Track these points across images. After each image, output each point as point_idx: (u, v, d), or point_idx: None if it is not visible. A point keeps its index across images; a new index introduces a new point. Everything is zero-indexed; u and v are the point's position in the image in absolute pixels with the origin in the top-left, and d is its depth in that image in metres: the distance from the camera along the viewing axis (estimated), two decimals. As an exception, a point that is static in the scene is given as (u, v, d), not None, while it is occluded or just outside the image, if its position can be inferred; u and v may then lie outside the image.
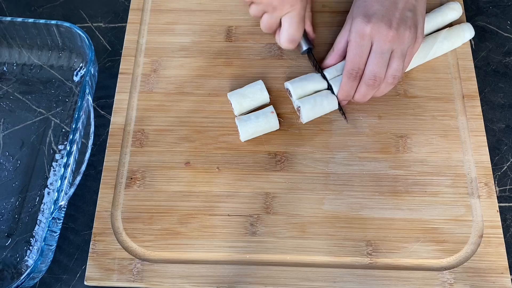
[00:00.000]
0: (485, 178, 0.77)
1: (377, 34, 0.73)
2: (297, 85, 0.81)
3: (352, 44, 0.76)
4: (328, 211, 0.75)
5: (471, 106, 0.82)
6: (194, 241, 0.73)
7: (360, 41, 0.75)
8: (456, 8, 0.86)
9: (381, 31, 0.73)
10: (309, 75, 0.82)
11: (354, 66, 0.76)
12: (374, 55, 0.75)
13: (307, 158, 0.78)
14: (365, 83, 0.76)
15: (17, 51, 0.89)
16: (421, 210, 0.75)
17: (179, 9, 0.91)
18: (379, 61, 0.74)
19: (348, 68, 0.76)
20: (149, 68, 0.86)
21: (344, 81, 0.78)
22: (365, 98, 0.79)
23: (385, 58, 0.74)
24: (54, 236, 0.73)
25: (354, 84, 0.77)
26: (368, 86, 0.76)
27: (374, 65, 0.75)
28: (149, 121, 0.82)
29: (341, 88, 0.78)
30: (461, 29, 0.84)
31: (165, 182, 0.77)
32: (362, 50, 0.75)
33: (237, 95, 0.80)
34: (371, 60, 0.75)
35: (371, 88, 0.76)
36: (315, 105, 0.79)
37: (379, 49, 0.74)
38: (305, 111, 0.79)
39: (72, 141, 0.74)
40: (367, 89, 0.77)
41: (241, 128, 0.78)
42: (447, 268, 0.71)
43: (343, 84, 0.78)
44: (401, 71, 0.76)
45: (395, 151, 0.79)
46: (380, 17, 0.74)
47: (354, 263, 0.72)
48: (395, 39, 0.73)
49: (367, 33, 0.74)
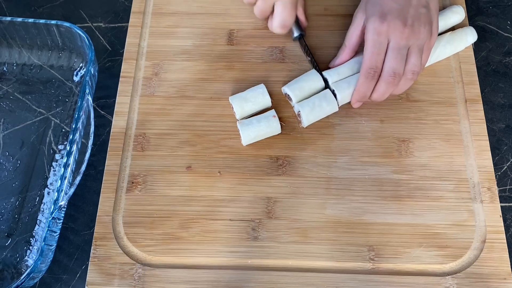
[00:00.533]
0: (488, 183, 0.77)
1: (394, 31, 0.74)
2: (294, 87, 0.80)
3: (369, 43, 0.76)
4: (330, 215, 0.75)
5: (473, 110, 0.81)
6: (195, 246, 0.73)
7: (377, 38, 0.75)
8: (459, 11, 0.86)
9: (397, 28, 0.74)
10: (304, 75, 0.82)
11: (372, 64, 0.76)
12: (391, 51, 0.75)
13: (309, 162, 0.78)
14: (384, 80, 0.76)
15: (17, 51, 0.88)
16: (424, 215, 0.75)
17: (180, 12, 0.91)
18: (397, 57, 0.75)
19: (366, 67, 0.76)
20: (150, 72, 0.86)
21: (361, 82, 0.77)
22: (384, 96, 0.78)
23: (403, 54, 0.75)
24: (54, 236, 0.73)
25: (371, 84, 0.77)
26: (388, 83, 0.76)
27: (392, 61, 0.75)
28: (150, 125, 0.81)
29: (358, 89, 0.78)
30: (464, 33, 0.84)
31: (167, 187, 0.77)
32: (379, 48, 0.75)
33: (238, 99, 0.80)
34: (389, 57, 0.75)
35: (391, 86, 0.76)
36: (313, 108, 0.79)
37: (396, 45, 0.75)
38: (305, 114, 0.78)
39: (72, 141, 0.74)
40: (387, 87, 0.76)
41: (243, 132, 0.78)
42: (450, 273, 0.71)
43: (360, 84, 0.77)
44: (420, 66, 0.76)
45: (398, 156, 0.79)
46: (396, 14, 0.75)
47: (356, 268, 0.72)
48: (411, 35, 0.74)
49: (383, 30, 0.75)
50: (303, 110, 0.78)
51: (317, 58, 0.85)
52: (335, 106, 0.79)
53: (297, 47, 0.87)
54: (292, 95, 0.80)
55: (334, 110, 0.80)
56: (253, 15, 0.85)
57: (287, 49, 0.87)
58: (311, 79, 0.81)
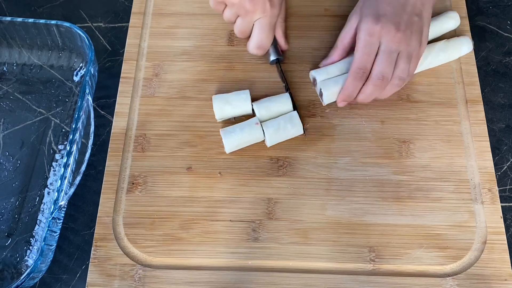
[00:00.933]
0: (489, 184, 0.77)
1: (386, 34, 0.74)
2: (261, 106, 0.80)
3: (361, 42, 0.76)
4: (331, 216, 0.75)
5: (474, 111, 0.81)
6: (196, 247, 0.73)
7: (369, 39, 0.75)
8: (454, 17, 0.86)
9: (390, 31, 0.74)
10: (275, 96, 0.82)
11: (362, 65, 0.76)
12: (382, 54, 0.75)
13: (310, 163, 0.78)
14: (372, 83, 0.76)
15: (17, 51, 0.88)
16: (424, 216, 0.75)
17: (181, 13, 0.91)
18: (388, 60, 0.75)
19: (356, 67, 0.76)
20: (150, 72, 0.85)
21: (349, 81, 0.77)
22: (369, 99, 0.79)
23: (393, 58, 0.75)
24: (54, 236, 0.73)
25: (359, 84, 0.77)
26: (375, 86, 0.76)
27: (382, 64, 0.75)
28: (150, 125, 0.81)
29: (345, 88, 0.78)
30: (458, 42, 0.84)
31: (167, 187, 0.77)
32: (370, 48, 0.75)
33: (220, 99, 0.80)
34: (379, 60, 0.75)
35: (378, 89, 0.76)
36: (278, 129, 0.78)
37: (387, 48, 0.75)
38: (269, 135, 0.78)
39: (72, 141, 0.74)
40: (373, 89, 0.77)
41: (226, 140, 0.77)
42: (451, 274, 0.71)
43: (348, 84, 0.77)
44: (407, 73, 0.76)
45: (398, 157, 0.78)
46: (390, 18, 0.75)
47: (357, 269, 0.72)
48: (402, 41, 0.74)
49: (376, 32, 0.75)
50: (267, 131, 0.78)
51: (317, 59, 0.85)
52: (300, 129, 0.79)
53: (298, 48, 0.87)
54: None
55: (299, 133, 0.79)
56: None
57: (287, 50, 0.87)
58: (280, 101, 0.81)
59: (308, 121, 0.81)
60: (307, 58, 0.86)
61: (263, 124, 0.78)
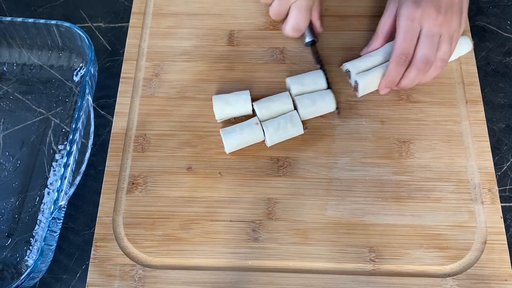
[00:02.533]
0: (489, 184, 0.76)
1: (427, 18, 0.75)
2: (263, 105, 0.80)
3: (401, 28, 0.76)
4: (331, 217, 0.75)
5: (474, 111, 0.81)
6: (196, 247, 0.73)
7: (410, 24, 0.75)
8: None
9: (431, 15, 0.75)
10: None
11: (404, 50, 0.76)
12: (424, 38, 0.75)
13: (310, 163, 0.78)
14: (416, 67, 0.76)
15: (17, 51, 0.88)
16: (424, 216, 0.75)
17: (181, 13, 0.91)
18: (431, 44, 0.75)
19: (398, 52, 0.76)
20: (150, 72, 0.85)
21: (391, 67, 0.77)
22: (412, 83, 0.79)
23: (435, 41, 0.75)
24: (54, 236, 0.73)
25: (401, 70, 0.77)
26: (419, 70, 0.76)
27: (425, 48, 0.75)
28: (150, 125, 0.81)
29: (388, 74, 0.78)
30: (458, 42, 0.83)
31: (167, 188, 0.77)
32: (412, 33, 0.76)
33: (220, 100, 0.80)
34: (422, 44, 0.75)
35: (421, 72, 0.77)
36: (278, 128, 0.78)
37: (429, 32, 0.75)
38: (269, 134, 0.78)
39: (72, 141, 0.74)
40: (417, 74, 0.77)
41: (226, 140, 0.77)
42: (451, 274, 0.71)
43: (391, 70, 0.78)
44: (449, 54, 0.77)
45: (398, 157, 0.78)
46: (430, 1, 0.75)
47: (357, 269, 0.72)
48: (444, 23, 0.75)
49: (417, 17, 0.75)
50: (267, 130, 0.78)
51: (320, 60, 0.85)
52: (300, 129, 0.79)
53: (297, 48, 0.87)
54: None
55: (299, 133, 0.79)
56: (254, 16, 0.85)
57: (287, 50, 0.87)
58: (281, 100, 0.81)
59: (308, 121, 0.81)
60: (307, 58, 0.86)
61: (263, 124, 0.78)
